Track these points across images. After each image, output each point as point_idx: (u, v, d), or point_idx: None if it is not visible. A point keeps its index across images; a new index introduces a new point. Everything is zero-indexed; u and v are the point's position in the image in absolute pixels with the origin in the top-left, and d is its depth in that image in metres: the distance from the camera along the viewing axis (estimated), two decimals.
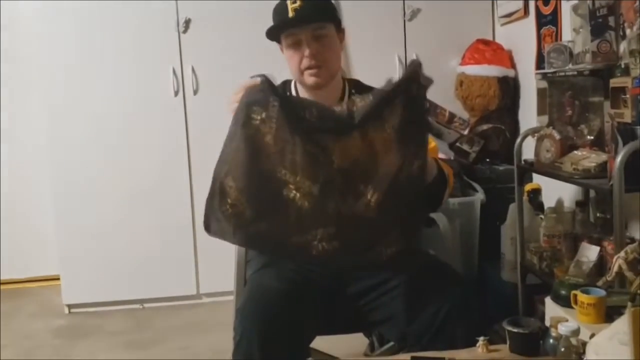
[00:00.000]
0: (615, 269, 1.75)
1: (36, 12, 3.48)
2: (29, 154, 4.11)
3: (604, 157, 2.16)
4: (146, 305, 3.66)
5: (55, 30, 3.46)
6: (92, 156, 3.53)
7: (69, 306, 3.64)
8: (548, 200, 2.93)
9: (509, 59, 3.48)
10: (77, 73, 3.49)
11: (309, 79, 1.83)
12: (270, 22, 1.88)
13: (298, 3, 1.78)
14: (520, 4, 3.25)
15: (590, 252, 2.26)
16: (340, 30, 1.89)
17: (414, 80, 1.55)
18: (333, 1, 1.97)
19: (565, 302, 1.90)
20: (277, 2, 1.88)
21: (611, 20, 2.28)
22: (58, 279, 3.65)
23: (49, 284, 4.06)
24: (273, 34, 1.87)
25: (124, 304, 3.63)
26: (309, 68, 1.82)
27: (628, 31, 2.24)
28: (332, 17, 1.86)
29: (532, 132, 2.66)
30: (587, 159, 2.22)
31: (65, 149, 3.51)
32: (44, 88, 3.50)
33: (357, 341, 2.49)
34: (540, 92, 2.69)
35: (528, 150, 2.68)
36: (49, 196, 3.59)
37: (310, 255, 1.61)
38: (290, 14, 1.78)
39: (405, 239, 1.61)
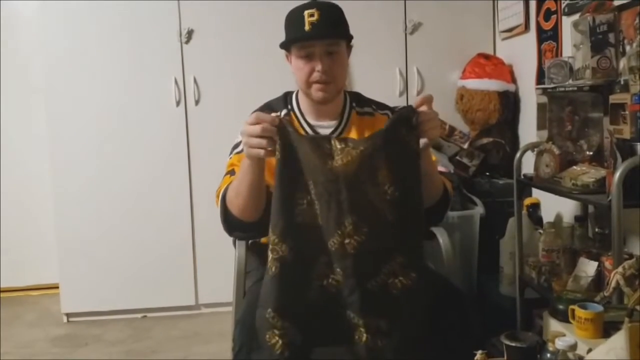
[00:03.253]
0: (613, 284, 1.76)
1: (37, 20, 3.51)
2: (30, 163, 4.13)
3: (603, 172, 2.17)
4: (144, 315, 3.65)
5: (57, 40, 3.48)
6: (93, 166, 3.54)
7: (68, 315, 3.63)
8: (547, 215, 2.94)
9: (509, 74, 3.49)
10: (78, 83, 3.50)
11: (317, 93, 1.84)
12: (274, 33, 1.88)
13: (316, 16, 1.78)
14: (521, 19, 3.27)
15: (588, 267, 2.27)
16: (349, 47, 1.90)
17: (403, 122, 1.54)
18: None
19: (563, 316, 1.91)
20: (281, 12, 1.88)
21: (611, 37, 2.30)
22: (57, 287, 3.65)
23: (48, 293, 4.06)
24: (284, 43, 1.88)
25: (123, 314, 3.63)
26: (318, 82, 1.82)
27: (628, 48, 2.26)
28: (347, 34, 1.87)
29: (532, 146, 2.68)
30: (586, 174, 2.23)
31: (66, 159, 3.52)
32: (45, 97, 3.52)
33: None
34: (540, 107, 2.70)
35: (528, 164, 2.69)
36: (50, 205, 3.60)
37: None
38: (307, 27, 1.78)
39: (413, 268, 1.56)
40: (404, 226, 1.53)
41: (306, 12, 1.79)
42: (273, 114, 1.57)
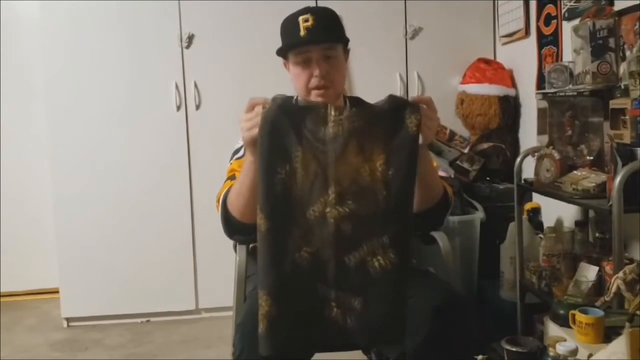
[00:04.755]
0: (614, 289, 1.76)
1: (38, 23, 3.51)
2: (30, 166, 4.13)
3: (603, 177, 2.17)
4: (145, 319, 3.65)
5: (57, 43, 3.48)
6: (93, 170, 3.54)
7: (68, 319, 3.63)
8: (547, 220, 2.94)
9: (509, 78, 3.49)
10: (79, 87, 3.50)
11: (316, 99, 1.83)
12: (274, 38, 1.88)
13: (310, 22, 1.77)
14: (522, 24, 3.28)
15: (589, 272, 2.27)
16: (346, 50, 1.90)
17: (406, 106, 1.53)
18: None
19: (563, 321, 1.91)
20: (281, 17, 1.88)
21: (611, 42, 2.30)
22: (57, 292, 3.64)
23: (48, 297, 4.06)
24: (280, 50, 1.88)
25: (123, 318, 3.62)
26: (317, 88, 1.82)
27: (628, 53, 2.27)
28: (342, 37, 1.88)
29: (532, 151, 2.68)
30: (587, 179, 2.23)
31: (66, 163, 3.52)
32: (45, 101, 3.52)
33: (355, 358, 2.49)
34: (541, 112, 2.71)
35: (528, 169, 2.70)
36: (50, 209, 3.60)
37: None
38: (302, 32, 1.78)
39: (397, 254, 1.53)
40: (392, 207, 1.52)
41: (300, 18, 1.79)
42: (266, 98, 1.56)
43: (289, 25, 1.83)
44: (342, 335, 1.55)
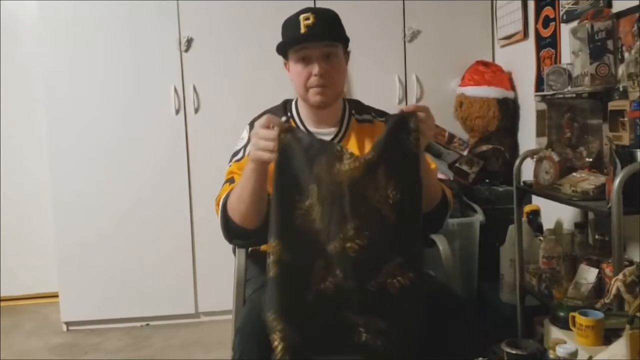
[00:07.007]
0: (614, 291, 1.76)
1: (37, 28, 3.52)
2: (29, 171, 4.13)
3: (602, 179, 2.17)
4: (144, 323, 3.65)
5: (57, 48, 3.49)
6: (93, 174, 3.54)
7: (67, 324, 3.62)
8: (547, 222, 2.94)
9: (508, 81, 3.50)
10: (78, 91, 3.50)
11: (315, 97, 1.83)
12: (273, 41, 1.88)
13: (311, 20, 1.78)
14: (520, 26, 3.28)
15: (588, 274, 2.27)
16: (346, 52, 1.90)
17: (401, 126, 1.54)
18: None
19: (563, 324, 1.91)
20: (280, 20, 1.89)
21: (610, 44, 2.30)
22: (57, 296, 3.64)
23: (47, 301, 4.05)
24: (281, 48, 1.88)
25: (123, 322, 3.62)
26: (315, 86, 1.82)
27: (626, 55, 2.27)
28: (343, 37, 1.88)
29: (532, 153, 2.67)
30: (586, 181, 2.23)
31: (66, 167, 3.52)
32: (45, 105, 3.52)
33: None
34: (540, 114, 2.70)
35: (527, 171, 2.69)
36: (49, 213, 3.59)
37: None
38: (303, 30, 1.78)
39: (414, 270, 1.54)
40: (404, 227, 1.53)
41: (301, 17, 1.80)
42: (282, 119, 1.57)
43: (290, 24, 1.84)
44: (371, 355, 1.56)
